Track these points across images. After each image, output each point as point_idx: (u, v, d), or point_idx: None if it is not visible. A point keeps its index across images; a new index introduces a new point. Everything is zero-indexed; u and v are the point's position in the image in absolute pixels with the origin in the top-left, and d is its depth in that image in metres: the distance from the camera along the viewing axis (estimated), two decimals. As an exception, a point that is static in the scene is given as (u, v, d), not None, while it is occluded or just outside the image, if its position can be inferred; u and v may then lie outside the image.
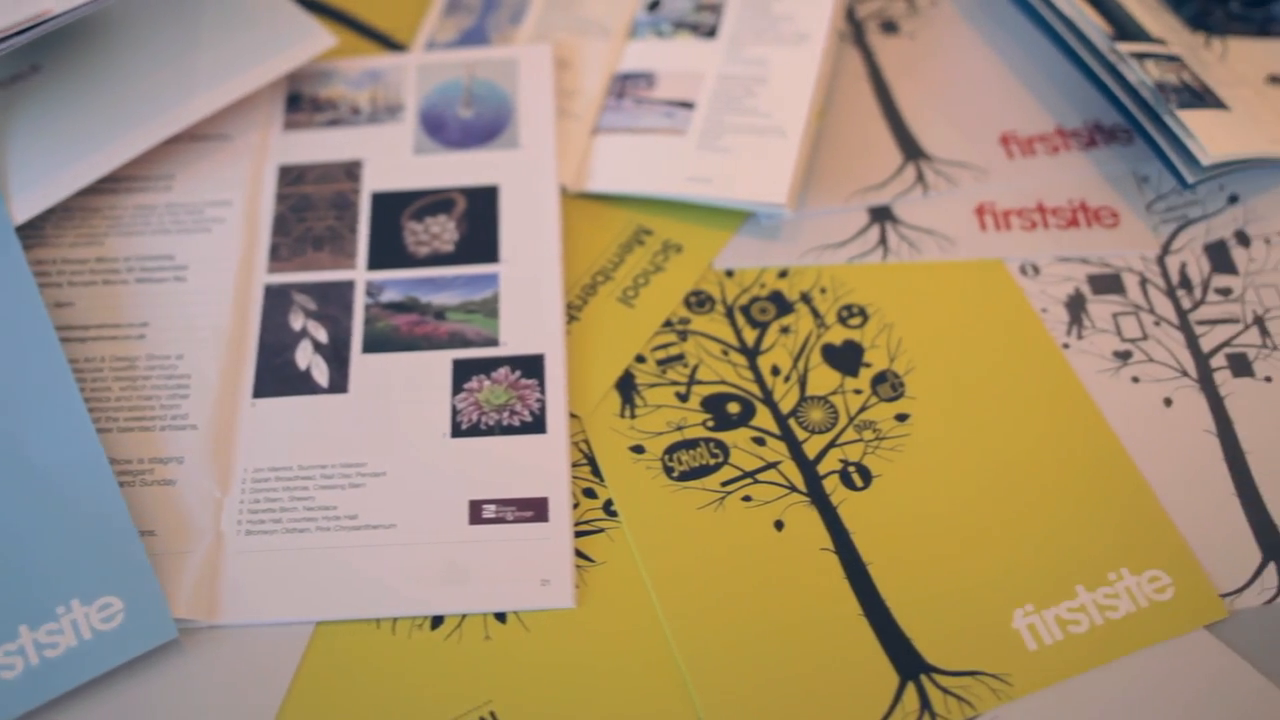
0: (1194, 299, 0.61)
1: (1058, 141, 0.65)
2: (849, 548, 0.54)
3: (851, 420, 0.57)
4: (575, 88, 0.65)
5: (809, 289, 0.61)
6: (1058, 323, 0.59)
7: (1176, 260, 0.62)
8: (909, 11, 0.71)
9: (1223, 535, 0.54)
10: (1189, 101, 0.61)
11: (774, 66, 0.64)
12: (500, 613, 0.52)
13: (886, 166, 0.64)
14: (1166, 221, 0.63)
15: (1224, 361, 0.59)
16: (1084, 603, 0.52)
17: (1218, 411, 0.57)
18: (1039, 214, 0.63)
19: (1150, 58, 0.63)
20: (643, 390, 0.58)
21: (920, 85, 0.67)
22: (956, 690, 0.50)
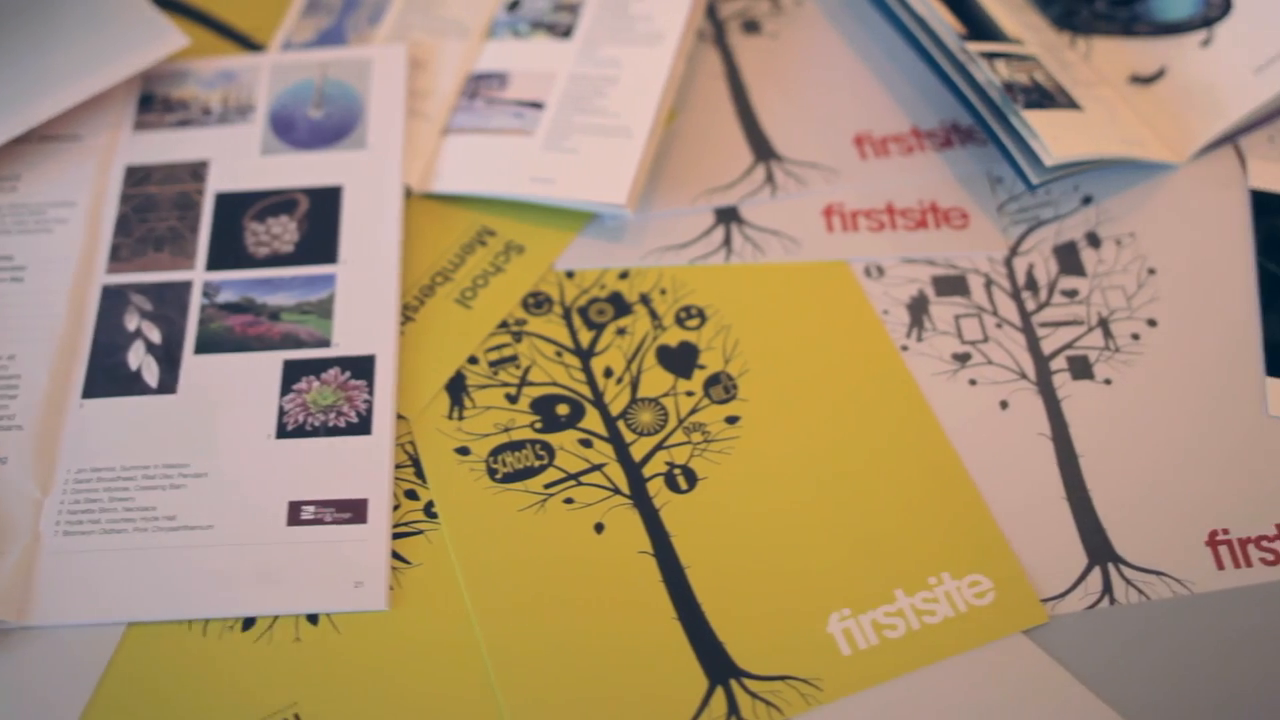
0: (1039, 301, 0.61)
1: (912, 142, 0.65)
2: (668, 551, 0.54)
3: (681, 423, 0.57)
4: (429, 88, 0.65)
5: (649, 290, 0.61)
6: (898, 324, 0.60)
7: (1024, 262, 0.62)
8: (773, 11, 0.71)
9: (1050, 539, 0.54)
10: (1037, 101, 0.61)
11: (626, 67, 0.64)
12: (312, 614, 0.52)
13: (736, 167, 0.64)
14: (1017, 223, 0.63)
15: (1064, 364, 0.59)
16: (902, 607, 0.52)
17: (1054, 414, 0.57)
18: (888, 215, 0.63)
19: (1002, 57, 0.63)
20: (473, 392, 0.58)
21: (778, 85, 0.68)
22: (765, 695, 0.50)
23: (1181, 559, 0.54)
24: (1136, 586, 0.53)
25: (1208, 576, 0.53)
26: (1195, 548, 0.54)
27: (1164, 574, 0.53)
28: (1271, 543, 0.54)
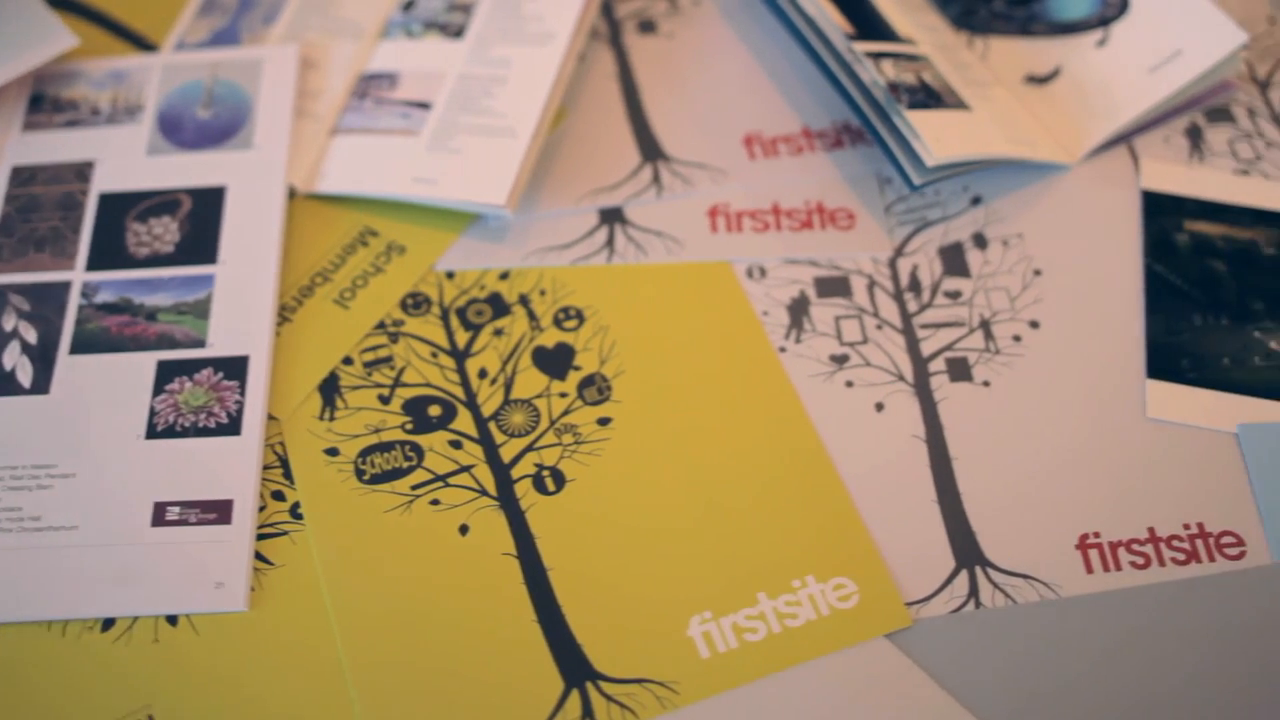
0: (921, 302, 0.61)
1: (803, 143, 0.65)
2: (532, 553, 0.54)
3: (553, 424, 0.57)
4: (319, 88, 0.66)
5: (529, 291, 0.61)
6: (778, 326, 0.60)
7: (909, 263, 0.62)
8: (670, 11, 0.71)
9: (919, 542, 0.54)
10: (923, 102, 0.61)
11: (515, 67, 0.65)
12: (172, 615, 0.52)
13: (623, 168, 0.64)
14: (904, 224, 0.63)
15: (943, 366, 0.59)
16: (764, 610, 0.52)
17: (930, 417, 0.57)
18: (773, 216, 0.63)
19: (890, 57, 0.63)
20: (345, 393, 0.58)
21: (671, 86, 0.68)
22: (620, 698, 0.50)
23: (1050, 562, 0.54)
24: (1003, 590, 0.53)
25: (1076, 580, 0.53)
26: (1065, 551, 0.54)
27: (1032, 577, 0.53)
28: (1143, 546, 0.54)
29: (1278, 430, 0.57)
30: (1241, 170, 0.65)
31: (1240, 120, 0.67)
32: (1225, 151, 0.66)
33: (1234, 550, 0.54)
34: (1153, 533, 0.54)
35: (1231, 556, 0.54)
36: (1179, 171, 0.65)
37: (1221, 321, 0.60)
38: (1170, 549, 0.54)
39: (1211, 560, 0.54)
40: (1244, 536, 0.54)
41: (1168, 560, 0.54)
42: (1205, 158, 0.66)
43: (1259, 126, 0.67)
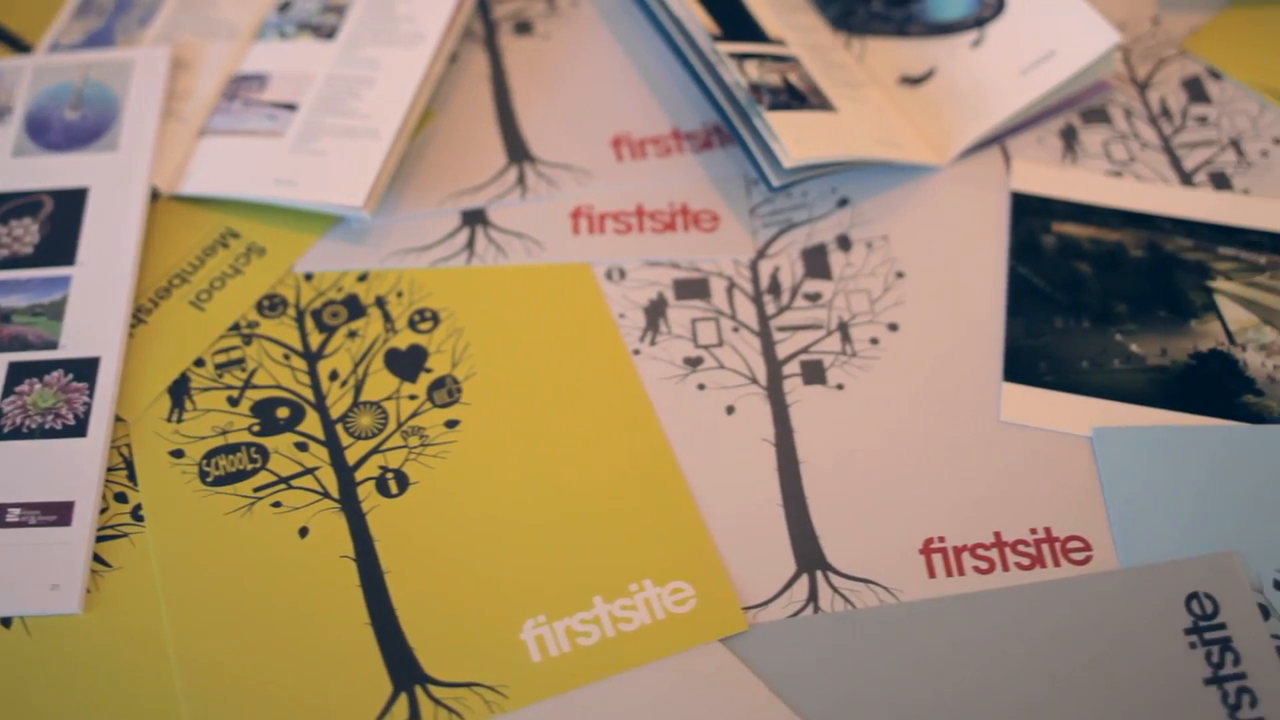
0: (780, 304, 0.61)
1: (671, 144, 0.65)
2: (370, 556, 0.54)
3: (400, 426, 0.57)
4: (190, 89, 0.66)
5: (386, 293, 0.61)
6: (634, 328, 0.60)
7: (771, 265, 0.62)
8: (547, 12, 0.72)
9: (762, 546, 0.54)
10: (785, 103, 0.62)
11: (383, 68, 0.65)
12: (5, 618, 0.53)
13: (489, 169, 0.65)
14: (769, 225, 0.63)
15: (798, 369, 0.59)
16: (599, 614, 0.52)
17: (780, 420, 0.57)
18: (637, 218, 0.63)
19: (755, 58, 0.63)
20: (195, 394, 0.58)
21: (543, 87, 0.68)
22: (449, 701, 0.50)
23: (893, 567, 0.54)
24: (843, 595, 0.53)
25: (917, 585, 0.53)
26: (909, 556, 0.54)
27: (873, 582, 0.53)
28: (988, 551, 0.54)
29: (1132, 434, 0.57)
30: (1114, 172, 0.65)
31: (1117, 121, 0.67)
32: (1099, 153, 0.66)
33: (1080, 555, 0.54)
34: (999, 537, 0.54)
35: (1077, 561, 0.54)
36: (1050, 173, 0.65)
37: (1083, 324, 0.60)
38: (1015, 554, 0.54)
39: (1056, 565, 0.54)
40: (1091, 541, 0.54)
41: (1011, 565, 0.54)
42: (1079, 159, 0.66)
43: (1135, 128, 0.67)
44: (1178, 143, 0.67)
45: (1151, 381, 0.59)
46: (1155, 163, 0.66)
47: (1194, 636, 0.52)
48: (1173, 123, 0.67)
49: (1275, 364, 0.59)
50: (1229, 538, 0.55)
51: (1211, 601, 0.53)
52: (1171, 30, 0.71)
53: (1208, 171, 0.65)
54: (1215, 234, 0.64)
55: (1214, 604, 0.53)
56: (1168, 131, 0.67)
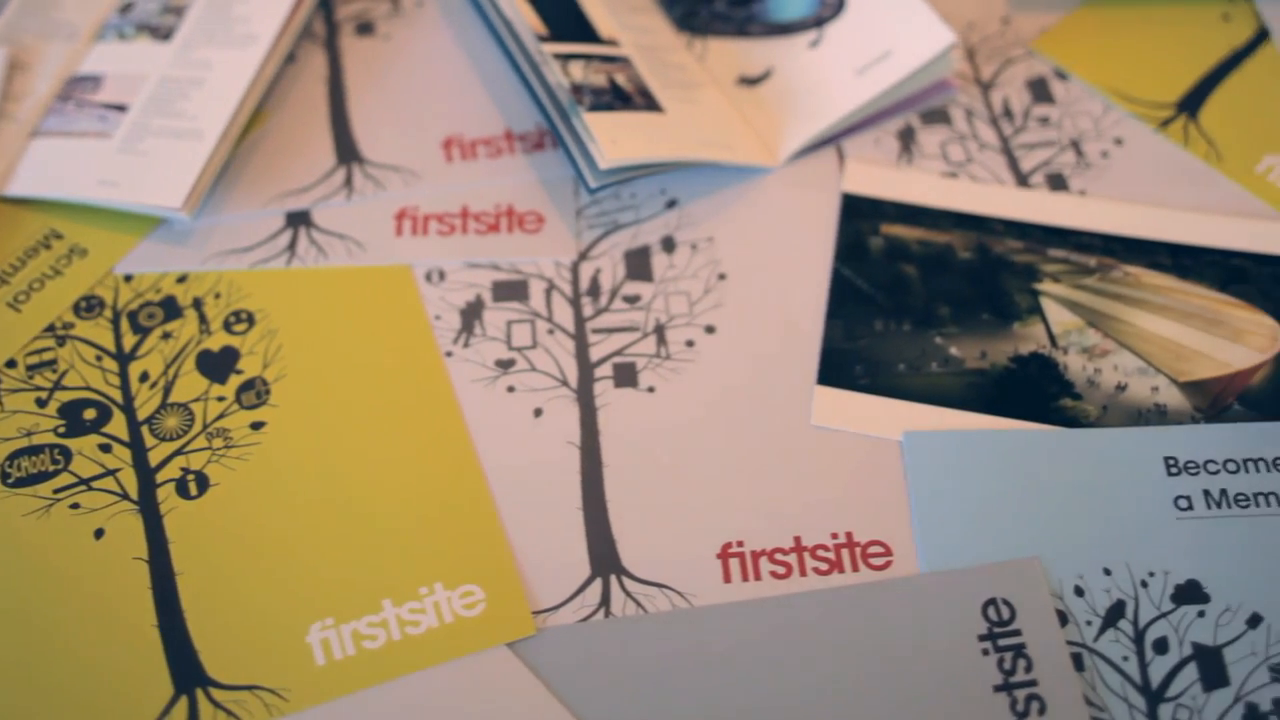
0: (598, 306, 0.61)
1: (503, 145, 0.65)
2: (164, 558, 0.54)
3: (205, 428, 0.57)
4: (25, 90, 0.67)
5: (204, 294, 0.61)
6: (449, 330, 0.60)
7: (592, 267, 0.62)
8: (391, 13, 0.72)
9: (558, 550, 0.54)
10: (608, 104, 0.62)
11: (215, 69, 0.65)
12: None
13: (317, 170, 0.65)
14: (594, 227, 0.63)
15: (610, 371, 0.59)
16: (387, 617, 0.53)
17: (588, 423, 0.57)
18: (461, 219, 0.63)
19: (582, 59, 0.63)
20: (3, 396, 0.58)
21: (379, 88, 0.68)
22: (229, 704, 0.51)
23: (689, 571, 0.54)
24: (635, 599, 0.53)
25: (712, 590, 0.53)
26: (706, 560, 0.54)
27: (667, 587, 0.53)
28: (786, 555, 0.54)
29: (941, 438, 0.57)
30: (950, 173, 0.65)
31: (957, 122, 0.67)
32: (936, 154, 0.66)
33: (880, 560, 0.54)
34: (798, 542, 0.54)
35: (876, 567, 0.54)
36: (883, 174, 0.65)
37: (904, 327, 0.60)
38: (814, 558, 0.54)
39: (855, 570, 0.54)
40: (892, 546, 0.54)
41: (809, 570, 0.54)
42: (915, 160, 0.65)
43: (975, 129, 0.67)
44: (1017, 144, 0.66)
45: (968, 385, 0.59)
46: (993, 164, 0.66)
47: (988, 643, 0.52)
48: (1014, 123, 0.67)
49: (1096, 367, 0.59)
50: (1035, 543, 0.55)
51: (1009, 608, 0.53)
52: (1021, 30, 0.71)
53: (1045, 173, 0.65)
54: (1047, 236, 0.63)
55: (1011, 610, 0.53)
56: (1008, 132, 0.67)
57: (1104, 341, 0.60)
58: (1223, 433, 0.57)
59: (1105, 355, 0.60)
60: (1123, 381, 0.59)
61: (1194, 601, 0.53)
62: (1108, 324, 0.61)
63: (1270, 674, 0.51)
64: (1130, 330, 0.61)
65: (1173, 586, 0.53)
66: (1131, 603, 0.53)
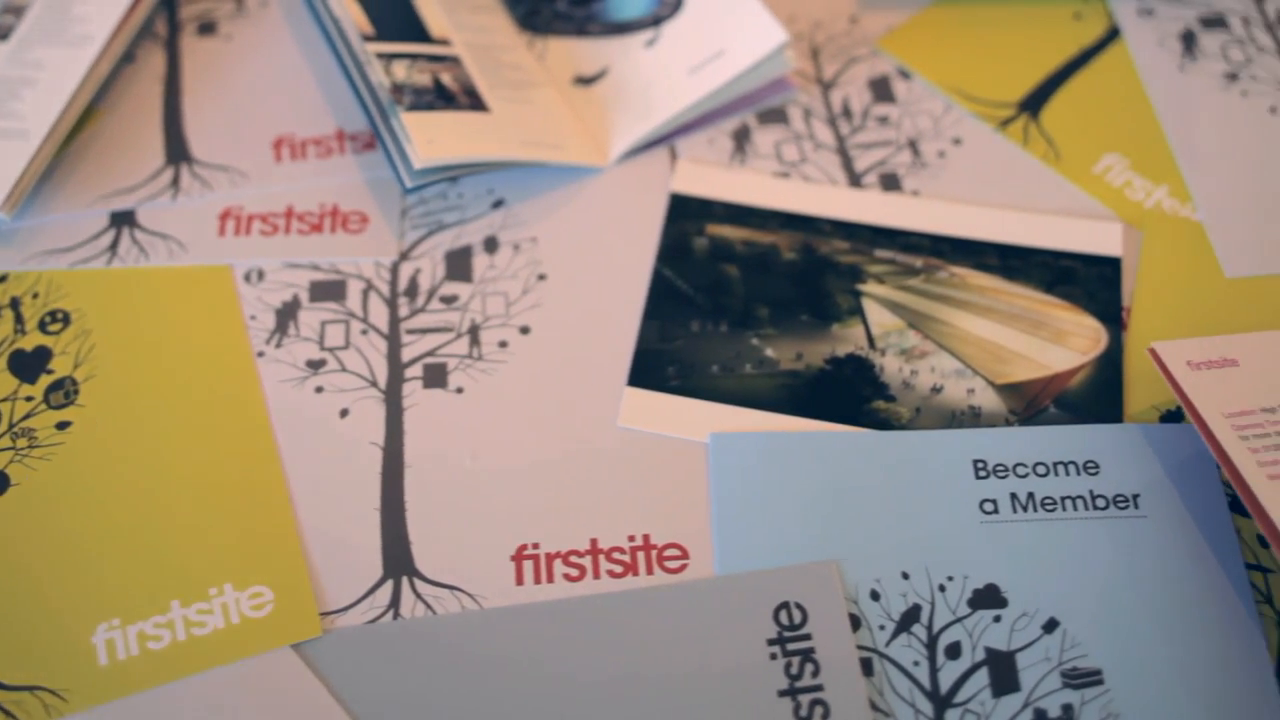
0: (414, 307, 0.61)
1: (334, 145, 0.66)
2: (-43, 557, 0.55)
3: (11, 428, 0.58)
4: None
5: (22, 294, 0.62)
6: (263, 330, 0.60)
7: (412, 267, 0.62)
8: (234, 13, 0.72)
9: (353, 551, 0.54)
10: (429, 104, 0.62)
11: (47, 69, 0.66)
12: None
13: (145, 170, 0.65)
14: (419, 227, 0.63)
15: (420, 372, 0.59)
16: (174, 618, 0.53)
17: (393, 424, 0.57)
18: (285, 219, 0.63)
19: (407, 58, 0.64)
20: None
21: (215, 88, 0.69)
22: (8, 705, 0.51)
23: (482, 573, 0.54)
24: (425, 601, 0.53)
25: (504, 592, 0.53)
26: (500, 562, 0.54)
27: (458, 589, 0.53)
28: (581, 558, 0.54)
29: (748, 440, 0.57)
30: (782, 173, 0.65)
31: (794, 122, 0.67)
32: (771, 153, 0.66)
33: (675, 564, 0.54)
34: (595, 544, 0.54)
35: (671, 570, 0.54)
36: (714, 174, 0.65)
37: (720, 328, 0.60)
38: (610, 561, 0.54)
39: (650, 573, 0.54)
40: (689, 549, 0.54)
41: (603, 573, 0.54)
42: (748, 159, 0.65)
43: (812, 128, 0.67)
44: (854, 143, 0.66)
45: (781, 387, 0.58)
46: (827, 164, 0.66)
47: (776, 647, 0.52)
48: (852, 123, 0.67)
49: (913, 369, 0.59)
50: (835, 547, 0.54)
51: (801, 611, 0.53)
52: (869, 29, 0.71)
53: (879, 173, 0.65)
54: (875, 236, 0.63)
55: (803, 614, 0.53)
56: (845, 132, 0.67)
57: (923, 343, 0.60)
58: (1035, 436, 0.57)
59: (923, 357, 0.60)
60: (939, 384, 0.59)
61: (991, 606, 0.53)
62: (928, 325, 0.60)
63: (1062, 679, 0.51)
64: (951, 332, 0.60)
65: (971, 591, 0.53)
66: (927, 607, 0.53)
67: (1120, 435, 0.58)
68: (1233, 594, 0.54)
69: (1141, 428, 0.58)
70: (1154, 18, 0.71)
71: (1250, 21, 0.71)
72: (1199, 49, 0.70)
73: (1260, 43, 0.70)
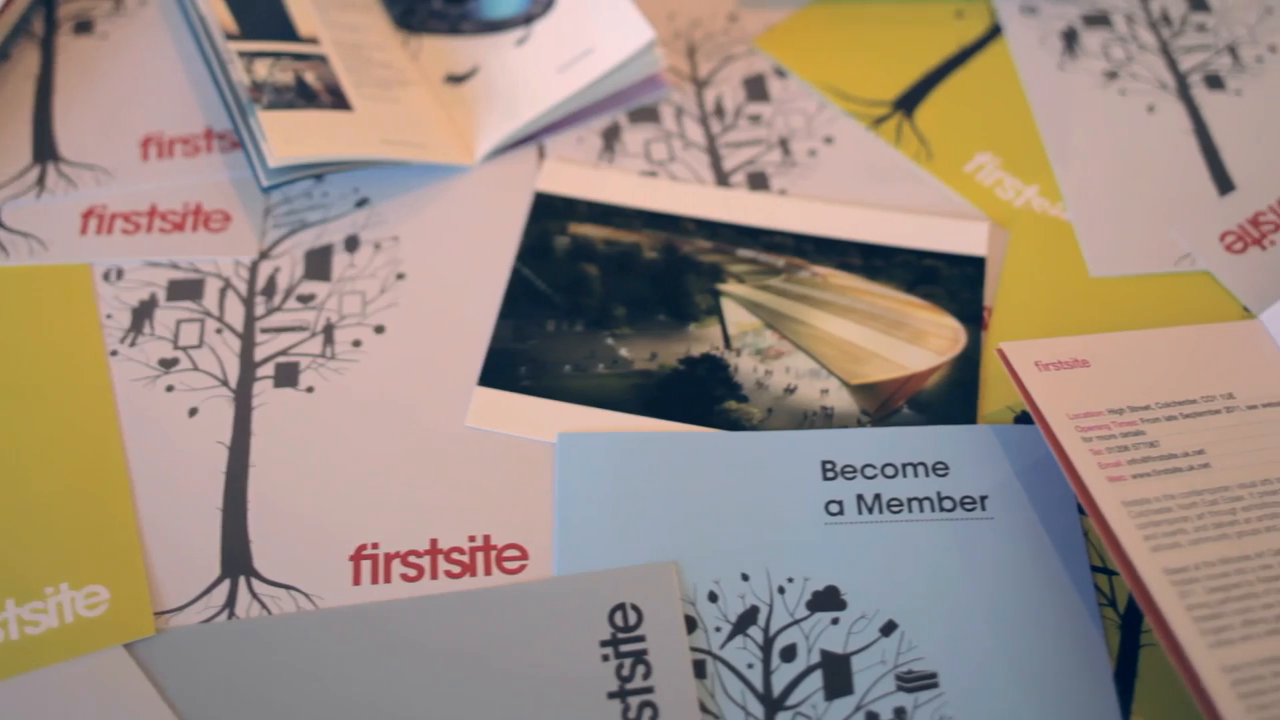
0: (271, 305, 0.61)
1: (202, 143, 0.66)
2: None
3: None
4: None
5: (-121, 294, 0.62)
6: (118, 329, 0.60)
7: (272, 266, 0.62)
8: (113, 12, 0.72)
9: (191, 551, 0.54)
10: (289, 102, 0.62)
11: (-82, 67, 0.66)
12: None
13: (11, 168, 0.65)
14: (281, 226, 0.63)
15: (272, 371, 0.59)
16: (7, 617, 0.53)
17: (241, 423, 0.57)
18: (148, 217, 0.64)
19: (271, 56, 0.64)
20: None
21: (88, 86, 0.69)
22: None
23: (320, 573, 0.54)
24: (261, 600, 0.53)
25: (341, 592, 0.53)
26: (339, 562, 0.54)
27: (295, 588, 0.53)
28: (420, 558, 0.54)
29: (594, 440, 0.56)
30: (650, 172, 0.65)
31: (665, 120, 0.67)
32: (639, 152, 0.66)
33: (514, 564, 0.54)
34: (435, 544, 0.54)
35: (510, 571, 0.54)
36: (580, 173, 0.65)
37: (576, 327, 0.60)
38: (448, 561, 0.54)
39: (488, 574, 0.54)
40: (530, 550, 0.54)
41: (441, 573, 0.54)
42: (616, 158, 0.65)
43: (684, 127, 0.66)
44: (724, 142, 0.66)
45: (632, 387, 0.58)
46: (696, 162, 0.66)
47: (609, 649, 0.52)
48: (724, 121, 0.67)
49: (768, 369, 0.59)
50: (677, 548, 0.54)
51: (637, 613, 0.53)
52: (748, 27, 0.71)
53: (748, 171, 0.65)
54: (738, 236, 0.63)
55: (639, 615, 0.53)
56: (716, 130, 0.67)
57: (780, 343, 0.60)
58: (886, 437, 0.57)
59: (779, 357, 0.60)
60: (792, 384, 0.59)
61: (830, 609, 0.53)
62: (786, 325, 0.60)
63: (896, 682, 0.51)
64: (809, 332, 0.60)
65: (811, 593, 0.53)
66: (765, 609, 0.52)
67: (971, 436, 0.58)
68: (1076, 597, 0.54)
69: (993, 429, 0.58)
70: (1037, 15, 0.71)
71: (1134, 19, 0.71)
72: (1080, 47, 0.70)
73: (1143, 40, 0.71)
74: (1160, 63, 0.70)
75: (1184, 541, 0.52)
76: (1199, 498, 0.53)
